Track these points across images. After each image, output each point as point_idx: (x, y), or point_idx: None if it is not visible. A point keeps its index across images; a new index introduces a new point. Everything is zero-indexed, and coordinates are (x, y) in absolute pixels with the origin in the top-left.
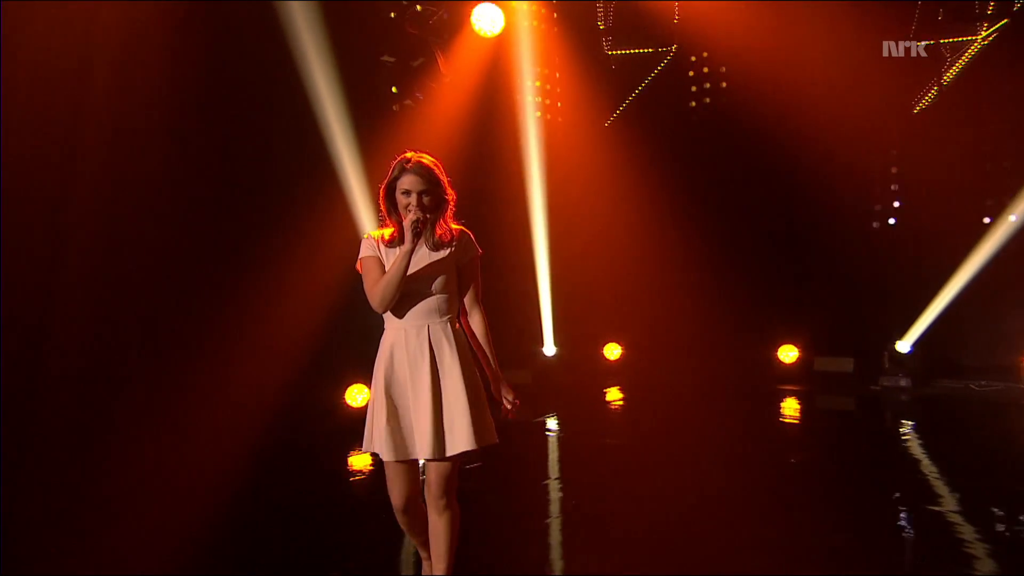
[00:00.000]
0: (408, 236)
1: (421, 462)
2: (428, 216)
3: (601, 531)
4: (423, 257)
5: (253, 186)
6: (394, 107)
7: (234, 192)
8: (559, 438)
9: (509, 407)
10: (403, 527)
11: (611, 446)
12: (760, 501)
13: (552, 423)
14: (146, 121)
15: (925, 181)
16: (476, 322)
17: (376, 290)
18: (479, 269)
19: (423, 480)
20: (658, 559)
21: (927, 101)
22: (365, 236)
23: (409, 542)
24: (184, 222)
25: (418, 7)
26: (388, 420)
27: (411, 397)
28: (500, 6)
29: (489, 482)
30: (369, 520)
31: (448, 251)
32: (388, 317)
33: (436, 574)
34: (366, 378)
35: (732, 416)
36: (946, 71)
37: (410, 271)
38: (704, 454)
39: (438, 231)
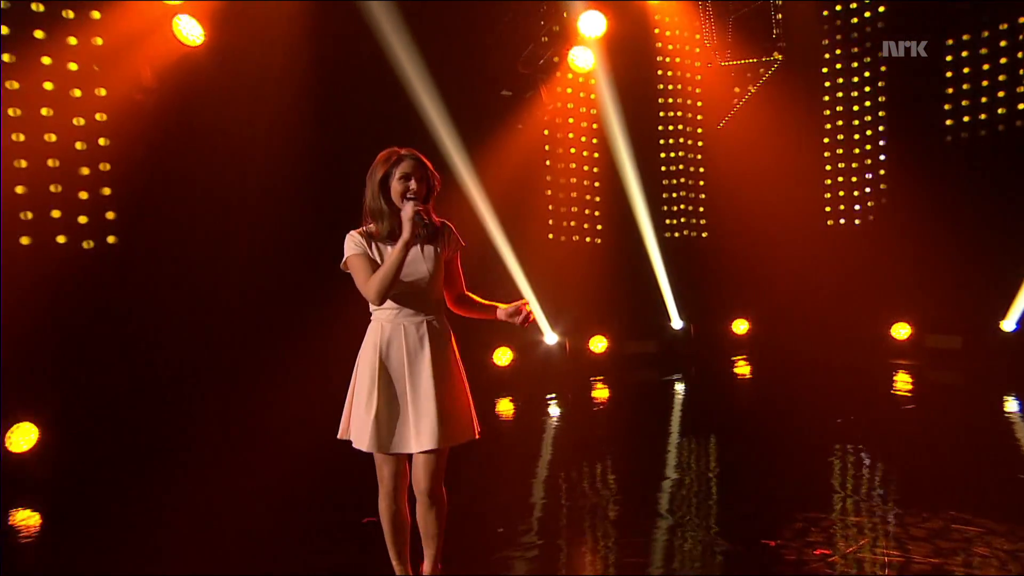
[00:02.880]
0: (407, 226)
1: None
2: (424, 206)
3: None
4: (416, 250)
5: None
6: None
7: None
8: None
9: (525, 311)
10: (385, 517)
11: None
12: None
13: (680, 385)
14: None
15: None
16: (469, 300)
17: (374, 282)
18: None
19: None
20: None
21: None
22: (349, 234)
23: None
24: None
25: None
26: (377, 413)
27: (409, 390)
28: (603, 9)
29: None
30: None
31: (438, 244)
32: (380, 311)
33: (426, 561)
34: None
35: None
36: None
37: (405, 264)
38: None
39: (432, 223)
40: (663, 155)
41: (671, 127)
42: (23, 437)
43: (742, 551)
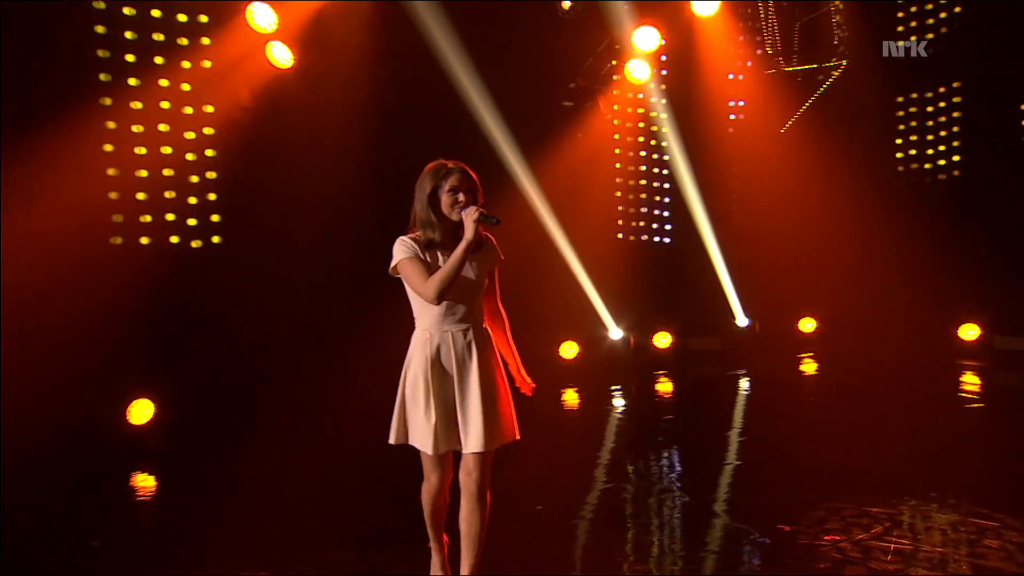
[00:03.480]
0: (471, 228)
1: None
2: (485, 210)
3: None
4: (469, 258)
5: None
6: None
7: None
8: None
9: (530, 387)
10: (428, 509)
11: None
12: None
13: (743, 381)
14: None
15: None
16: (501, 322)
17: (434, 282)
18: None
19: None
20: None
21: None
22: (399, 239)
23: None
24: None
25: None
26: (430, 417)
27: (458, 395)
28: (657, 24)
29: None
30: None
31: (484, 255)
32: (426, 318)
33: (464, 561)
34: None
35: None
36: None
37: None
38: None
39: (480, 235)
40: (725, 157)
41: (731, 130)
42: (141, 412)
43: (756, 535)
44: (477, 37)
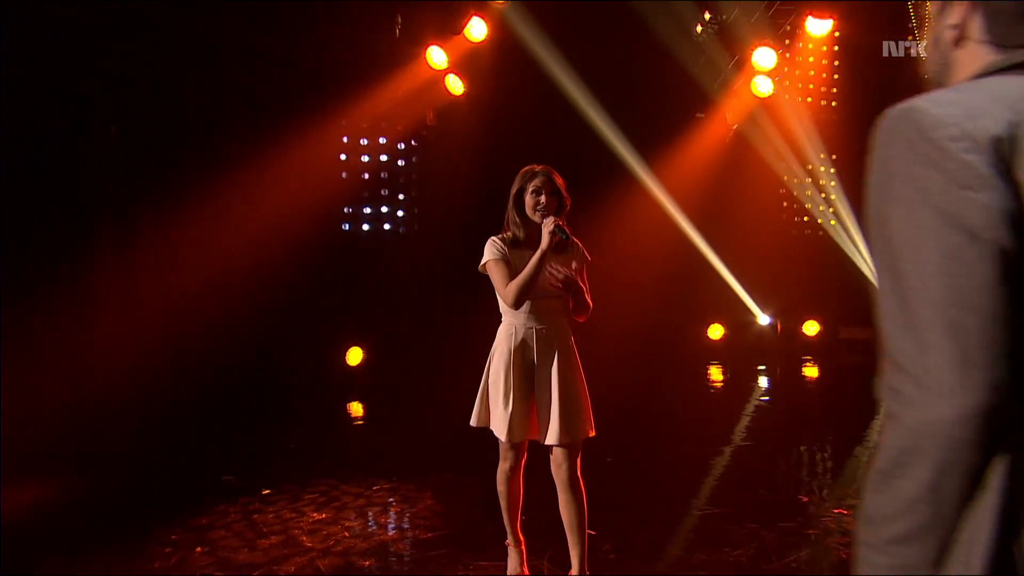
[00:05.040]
0: (546, 238)
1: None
2: (562, 221)
3: None
4: (552, 260)
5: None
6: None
7: None
8: None
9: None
10: (502, 491)
11: None
12: None
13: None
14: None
15: None
16: (587, 313)
17: (512, 288)
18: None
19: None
20: None
21: None
22: (490, 240)
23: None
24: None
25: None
26: (508, 407)
27: (537, 390)
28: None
29: None
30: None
31: (570, 256)
32: (512, 313)
33: (573, 560)
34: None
35: None
36: None
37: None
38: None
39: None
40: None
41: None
42: (354, 356)
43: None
44: (621, 59)
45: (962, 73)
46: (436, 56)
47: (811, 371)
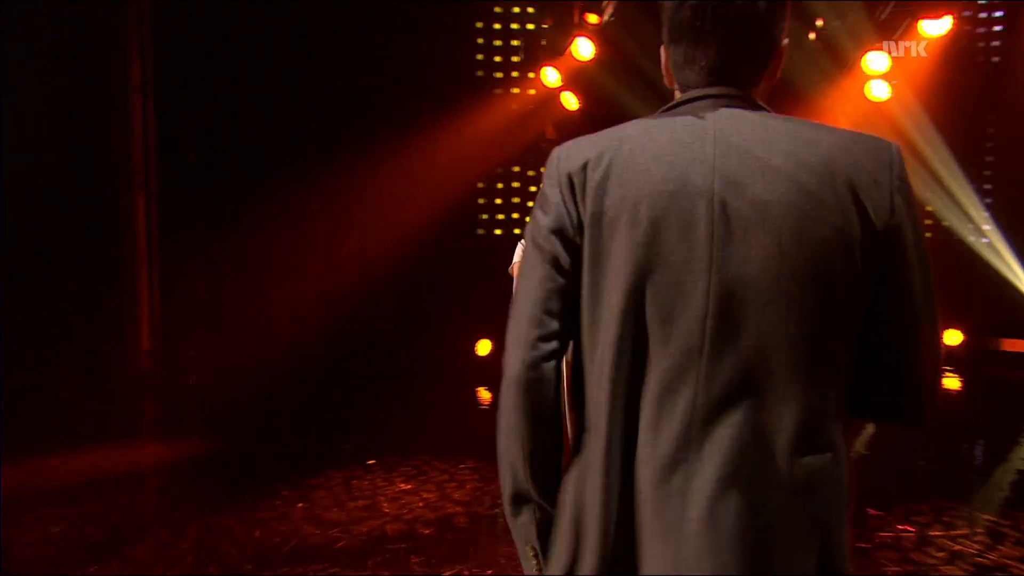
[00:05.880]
0: None
1: None
2: None
3: None
4: None
5: None
6: None
7: None
8: None
9: None
10: None
11: None
12: None
13: None
14: None
15: None
16: None
17: None
18: None
19: None
20: None
21: None
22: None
23: None
24: None
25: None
26: None
27: None
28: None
29: None
30: None
31: None
32: None
33: None
34: None
35: None
36: None
37: None
38: None
39: None
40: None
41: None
42: (484, 347)
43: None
44: None
45: None
46: (550, 75)
47: (952, 383)
